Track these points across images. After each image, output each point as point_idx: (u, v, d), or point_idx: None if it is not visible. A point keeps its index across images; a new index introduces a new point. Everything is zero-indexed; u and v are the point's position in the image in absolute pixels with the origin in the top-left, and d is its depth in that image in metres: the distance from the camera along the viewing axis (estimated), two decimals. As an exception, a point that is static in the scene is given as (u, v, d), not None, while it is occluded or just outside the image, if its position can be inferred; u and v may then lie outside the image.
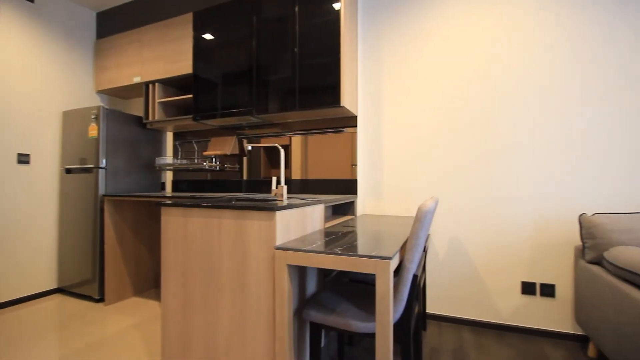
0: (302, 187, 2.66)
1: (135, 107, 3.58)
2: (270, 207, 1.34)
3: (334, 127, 2.56)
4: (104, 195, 2.69)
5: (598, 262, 1.71)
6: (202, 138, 3.12)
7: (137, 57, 3.04)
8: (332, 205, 2.50)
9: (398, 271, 1.33)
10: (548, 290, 2.05)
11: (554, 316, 2.05)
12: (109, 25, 3.43)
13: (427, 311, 2.36)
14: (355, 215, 2.40)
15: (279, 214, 1.36)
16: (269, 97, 2.37)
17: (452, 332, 2.16)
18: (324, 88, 2.19)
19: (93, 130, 2.76)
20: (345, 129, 2.52)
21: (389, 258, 1.13)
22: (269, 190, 2.79)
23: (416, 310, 1.57)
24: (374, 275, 1.85)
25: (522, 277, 2.11)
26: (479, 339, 2.07)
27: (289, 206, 1.43)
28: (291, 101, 2.30)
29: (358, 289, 1.60)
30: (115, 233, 2.75)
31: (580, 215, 1.81)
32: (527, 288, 2.10)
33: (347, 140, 2.52)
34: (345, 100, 2.19)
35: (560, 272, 2.03)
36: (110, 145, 2.81)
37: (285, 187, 1.86)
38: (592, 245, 1.71)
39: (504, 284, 2.16)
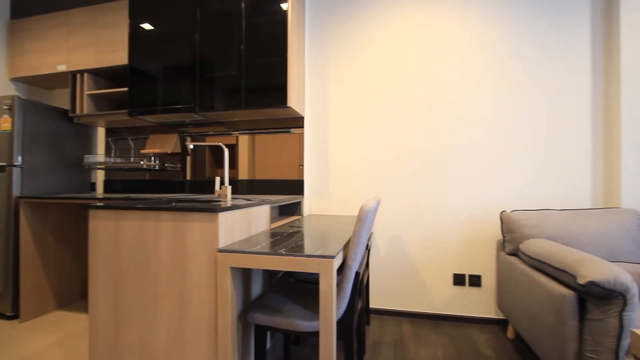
0: (250, 188, 2.61)
1: (60, 99, 3.21)
2: (212, 209, 1.30)
3: (281, 127, 2.56)
4: (19, 197, 2.37)
5: (515, 253, 1.93)
6: (140, 135, 2.91)
7: (63, 42, 2.73)
8: (279, 206, 2.49)
9: (342, 269, 1.37)
10: (475, 281, 2.27)
11: (480, 304, 2.27)
12: (27, 5, 3.04)
13: (370, 306, 2.46)
14: (302, 216, 2.42)
15: (221, 216, 1.32)
16: (214, 94, 2.29)
17: (394, 325, 2.28)
18: (270, 88, 2.18)
19: (6, 123, 2.42)
20: (292, 130, 2.53)
21: (332, 257, 1.16)
22: (214, 191, 2.69)
23: (359, 306, 1.63)
24: (318, 274, 1.88)
25: (454, 270, 2.31)
26: (417, 329, 2.22)
27: (232, 207, 1.40)
28: (237, 100, 2.24)
29: (304, 289, 1.62)
30: (34, 240, 2.44)
31: (501, 212, 2.03)
32: (458, 279, 2.30)
33: (295, 141, 2.53)
34: (292, 101, 2.20)
35: (485, 264, 2.26)
36: (28, 140, 2.49)
37: (229, 188, 1.81)
38: (510, 238, 1.93)
39: (438, 277, 2.34)
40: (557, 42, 2.17)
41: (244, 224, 1.52)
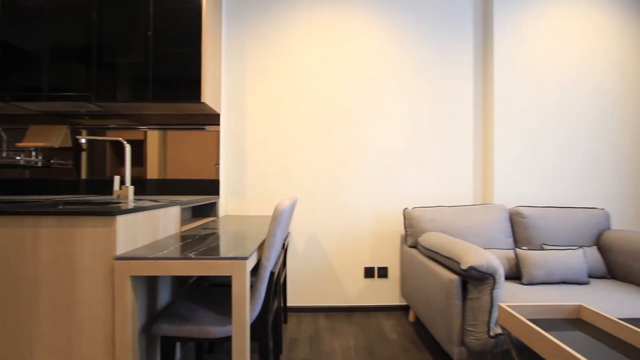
0: (160, 188, 2.40)
1: None
2: (108, 211, 1.16)
3: (195, 123, 2.42)
4: None
5: (415, 246, 2.17)
6: (15, 125, 2.43)
7: None
8: (192, 207, 2.35)
9: (257, 270, 1.36)
10: (383, 272, 2.49)
11: (387, 293, 2.50)
12: None
13: (288, 305, 2.50)
14: (218, 217, 2.32)
15: (121, 219, 1.19)
16: (117, 83, 2.04)
17: (310, 321, 2.35)
18: (183, 81, 2.04)
19: None
20: (207, 127, 2.41)
21: (245, 258, 1.15)
22: (113, 192, 2.40)
23: (275, 305, 1.64)
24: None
25: (365, 264, 2.49)
26: (332, 322, 2.33)
27: (135, 209, 1.27)
28: (144, 91, 2.05)
29: (218, 293, 1.56)
30: None
31: (404, 209, 2.26)
32: (368, 272, 2.49)
33: (210, 139, 2.42)
34: (207, 97, 2.10)
35: (391, 257, 2.50)
36: None
37: (131, 188, 1.64)
38: (411, 233, 2.17)
39: (351, 271, 2.49)
40: (448, 64, 2.50)
41: (149, 227, 1.40)
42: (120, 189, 1.67)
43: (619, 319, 1.47)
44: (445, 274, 1.65)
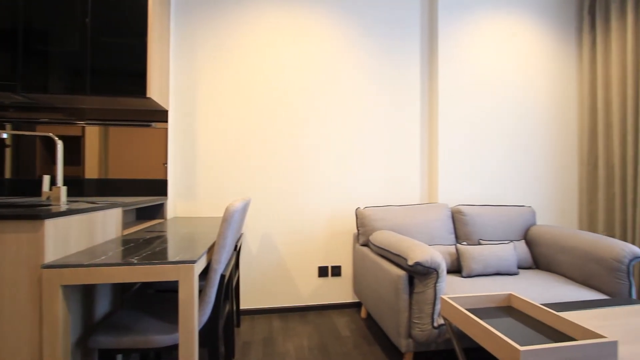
0: (101, 189, 2.21)
1: None
2: (35, 215, 1.05)
3: (141, 120, 2.27)
4: None
5: (367, 244, 2.25)
6: None
7: None
8: (137, 209, 2.21)
9: (207, 274, 1.32)
10: (337, 271, 2.54)
11: (341, 291, 2.56)
12: None
13: (241, 307, 2.44)
14: (165, 219, 2.21)
15: (49, 223, 1.08)
16: (48, 73, 1.85)
17: (264, 323, 2.33)
18: (126, 74, 1.91)
19: None
20: (154, 124, 2.27)
21: (193, 262, 1.10)
22: (42, 193, 2.16)
23: (227, 309, 1.60)
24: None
25: (319, 263, 2.52)
26: (286, 323, 2.32)
27: (67, 212, 1.16)
28: (80, 83, 1.88)
29: (165, 299, 1.49)
30: None
31: (356, 209, 2.33)
32: (322, 271, 2.52)
33: (158, 136, 2.28)
34: (153, 92, 1.98)
35: (345, 255, 2.56)
36: None
37: (63, 189, 1.49)
38: (363, 231, 2.24)
39: (305, 271, 2.51)
40: (398, 74, 2.63)
41: (85, 232, 1.29)
42: (51, 189, 1.52)
43: (542, 304, 1.65)
44: (394, 270, 1.73)
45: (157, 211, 2.22)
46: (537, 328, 1.29)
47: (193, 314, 1.10)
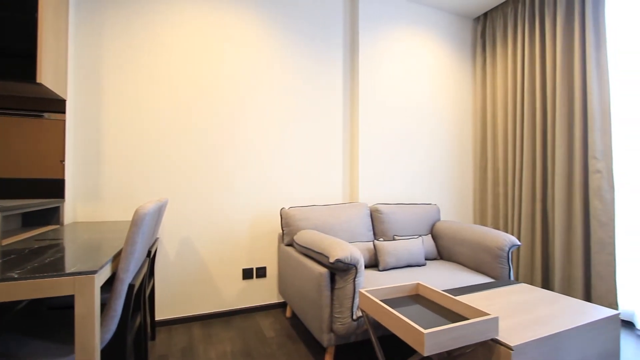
0: (-34, 190, 1.82)
1: None
2: None
3: (31, 109, 1.93)
4: None
5: (291, 244, 2.28)
6: None
7: None
8: (23, 214, 1.87)
9: (113, 284, 1.19)
10: (261, 272, 2.51)
11: (266, 292, 2.54)
12: None
13: (157, 319, 2.25)
14: (62, 225, 1.92)
15: None
16: None
17: (183, 333, 2.18)
18: (11, 54, 1.61)
19: None
20: (46, 114, 1.96)
21: (93, 272, 0.98)
22: None
23: (137, 322, 1.47)
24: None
25: (243, 265, 2.46)
26: (207, 330, 2.21)
27: None
28: (-61, 60, 1.52)
29: (60, 317, 1.29)
30: None
31: (281, 209, 2.34)
32: (247, 274, 2.47)
33: (53, 129, 1.97)
34: (46, 78, 1.71)
35: (269, 256, 2.54)
36: None
37: None
38: (287, 231, 2.26)
39: (229, 274, 2.43)
40: (325, 82, 2.72)
41: (-56, 244, 1.05)
42: None
43: (443, 290, 1.88)
44: (316, 268, 1.78)
45: (51, 216, 1.92)
46: (439, 312, 1.46)
47: (93, 330, 0.98)
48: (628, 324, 2.31)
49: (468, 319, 1.34)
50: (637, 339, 2.11)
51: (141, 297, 1.52)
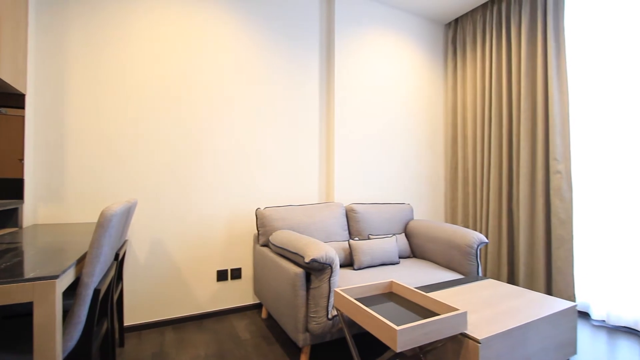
0: None
1: None
2: None
3: (-17, 104, 1.80)
4: None
5: (267, 244, 2.26)
6: None
7: None
8: (-24, 217, 1.75)
9: (77, 289, 1.13)
10: (236, 274, 2.48)
11: (241, 294, 2.50)
12: None
13: (126, 324, 2.17)
14: (21, 227, 1.80)
15: None
16: None
17: (154, 338, 2.11)
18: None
19: None
20: (3, 109, 1.83)
21: (55, 277, 0.93)
22: None
23: (104, 328, 1.40)
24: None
25: (218, 267, 2.42)
26: (180, 334, 2.15)
27: None
28: None
29: (18, 326, 1.22)
30: None
31: (256, 209, 2.32)
32: (221, 275, 2.43)
33: (12, 125, 1.85)
34: (4, 70, 1.60)
35: (244, 257, 2.51)
36: None
37: None
38: (263, 232, 2.24)
39: (202, 276, 2.37)
40: (301, 82, 2.72)
41: None
42: None
43: (416, 287, 1.93)
44: (292, 268, 1.78)
45: (8, 218, 1.80)
46: (412, 309, 1.50)
47: (54, 339, 0.93)
48: (584, 315, 2.47)
49: (439, 315, 1.39)
50: (592, 328, 2.26)
51: (108, 302, 1.46)
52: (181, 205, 2.30)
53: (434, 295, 1.77)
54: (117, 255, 1.64)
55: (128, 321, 2.17)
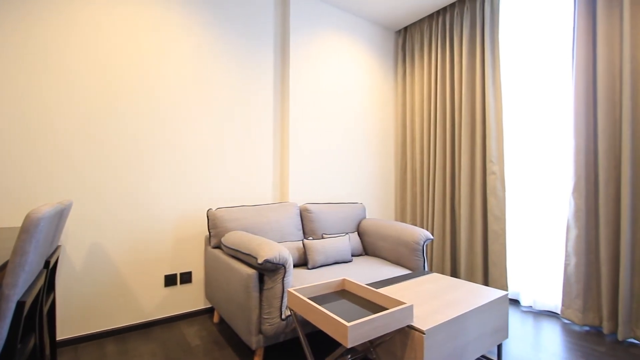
0: None
1: None
2: None
3: None
4: None
5: (219, 246, 2.19)
6: None
7: None
8: None
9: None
10: (186, 278, 2.37)
11: (191, 298, 2.40)
12: None
13: (59, 338, 1.97)
14: None
15: None
16: None
17: (92, 351, 1.95)
18: None
19: None
20: None
21: (-32, 290, 0.83)
22: None
23: (30, 344, 1.27)
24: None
25: (165, 272, 2.30)
26: (123, 346, 2.01)
27: None
28: None
29: None
30: None
31: (208, 210, 2.24)
32: (169, 280, 2.31)
33: None
34: None
35: (195, 260, 2.41)
36: None
37: None
38: (215, 233, 2.17)
39: (148, 282, 2.24)
40: (256, 81, 2.68)
41: None
42: None
43: (367, 284, 2.00)
44: (244, 269, 1.75)
45: None
46: (363, 305, 1.55)
47: (-32, 360, 0.82)
48: (515, 302, 2.74)
49: (387, 309, 1.46)
50: (521, 314, 2.52)
51: (36, 316, 1.32)
52: (124, 206, 2.15)
53: (383, 290, 1.85)
54: (47, 262, 1.49)
55: (62, 335, 1.98)
